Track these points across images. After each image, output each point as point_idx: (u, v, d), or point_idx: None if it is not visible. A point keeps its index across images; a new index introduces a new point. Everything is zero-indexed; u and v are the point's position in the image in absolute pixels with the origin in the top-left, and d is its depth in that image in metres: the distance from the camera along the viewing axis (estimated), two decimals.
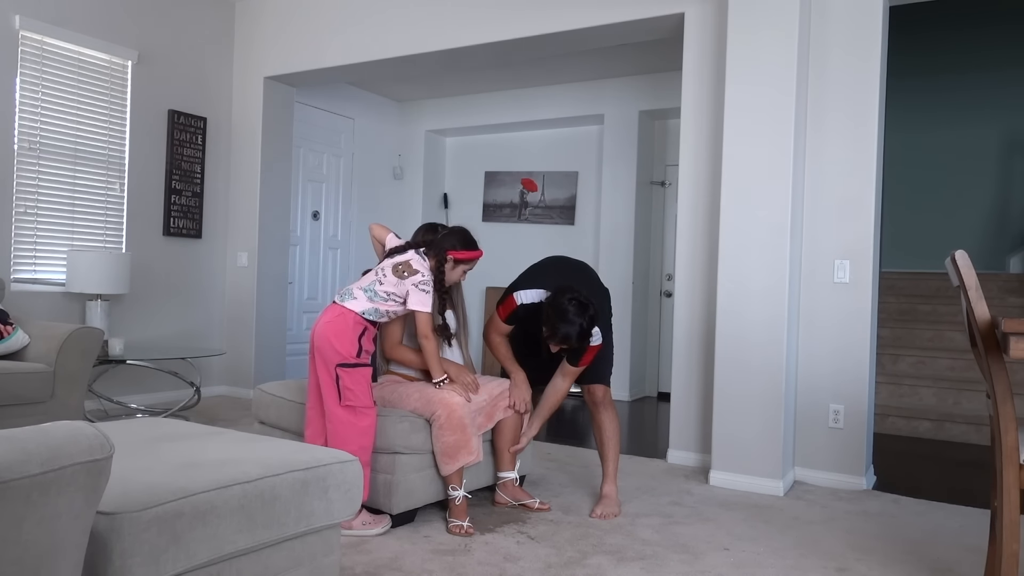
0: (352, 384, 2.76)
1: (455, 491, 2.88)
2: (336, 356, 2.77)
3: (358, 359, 2.80)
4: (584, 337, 2.92)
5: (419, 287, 2.82)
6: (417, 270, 2.84)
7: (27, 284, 4.70)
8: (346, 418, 2.76)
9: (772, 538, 2.90)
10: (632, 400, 6.45)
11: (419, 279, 2.83)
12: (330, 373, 2.79)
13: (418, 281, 2.82)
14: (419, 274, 2.84)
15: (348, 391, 2.76)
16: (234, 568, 1.69)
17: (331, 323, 2.81)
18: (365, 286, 2.85)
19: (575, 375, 3.16)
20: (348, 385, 2.76)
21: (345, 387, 2.76)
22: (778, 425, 3.58)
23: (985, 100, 7.28)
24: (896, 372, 5.69)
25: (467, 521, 2.84)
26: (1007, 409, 1.97)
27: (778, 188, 3.61)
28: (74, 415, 3.83)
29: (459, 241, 2.95)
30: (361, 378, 2.79)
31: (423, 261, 2.88)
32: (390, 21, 5.10)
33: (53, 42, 4.78)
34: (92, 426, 1.25)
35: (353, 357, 2.79)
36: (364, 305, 2.83)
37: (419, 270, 2.84)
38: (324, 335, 2.80)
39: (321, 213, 6.97)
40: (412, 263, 2.86)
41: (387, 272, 2.86)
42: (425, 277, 2.84)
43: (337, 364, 2.77)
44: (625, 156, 6.53)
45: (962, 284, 2.03)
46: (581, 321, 2.87)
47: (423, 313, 2.82)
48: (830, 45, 3.76)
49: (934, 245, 7.18)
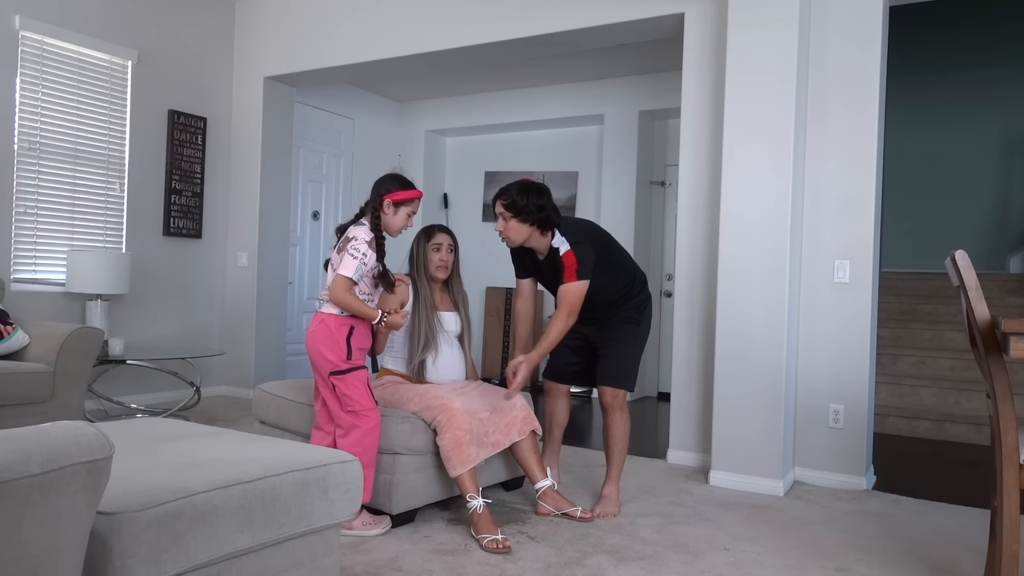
0: (349, 390, 2.73)
1: (472, 500, 2.76)
2: (327, 365, 2.73)
3: (350, 362, 2.74)
4: (523, 192, 2.98)
5: (350, 251, 2.70)
6: (352, 236, 2.74)
7: (27, 284, 4.70)
8: (351, 422, 2.73)
9: (772, 538, 2.90)
10: (632, 400, 6.45)
11: (352, 244, 2.71)
12: (326, 383, 2.76)
13: (350, 246, 2.71)
14: (353, 239, 2.73)
15: (347, 397, 2.73)
16: (234, 568, 1.69)
17: (315, 332, 2.76)
18: (328, 285, 2.78)
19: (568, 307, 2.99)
20: (345, 391, 2.73)
21: (343, 394, 2.73)
22: (778, 425, 3.58)
23: (985, 100, 7.29)
24: (896, 372, 5.69)
25: (499, 533, 2.68)
26: (1007, 409, 1.97)
27: (778, 188, 3.61)
28: (74, 415, 3.83)
29: (394, 183, 2.82)
30: (357, 382, 2.74)
31: (360, 226, 2.78)
32: (390, 21, 5.10)
33: (53, 42, 4.78)
34: (92, 426, 1.25)
35: (344, 362, 2.73)
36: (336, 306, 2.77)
37: (354, 235, 2.74)
38: (311, 345, 2.77)
39: (321, 213, 6.97)
40: (349, 233, 2.77)
41: (334, 257, 2.79)
42: (358, 239, 2.72)
43: (330, 373, 2.73)
44: (625, 156, 6.53)
45: (962, 284, 2.03)
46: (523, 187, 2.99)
47: (341, 276, 2.68)
48: (830, 45, 3.76)
49: (934, 245, 7.18)
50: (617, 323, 3.22)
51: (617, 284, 3.19)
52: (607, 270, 3.14)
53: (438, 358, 3.09)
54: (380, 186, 2.83)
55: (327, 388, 2.77)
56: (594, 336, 3.26)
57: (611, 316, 3.22)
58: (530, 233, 3.04)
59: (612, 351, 3.19)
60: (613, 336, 3.20)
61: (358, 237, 2.73)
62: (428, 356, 3.07)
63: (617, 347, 3.20)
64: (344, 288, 2.69)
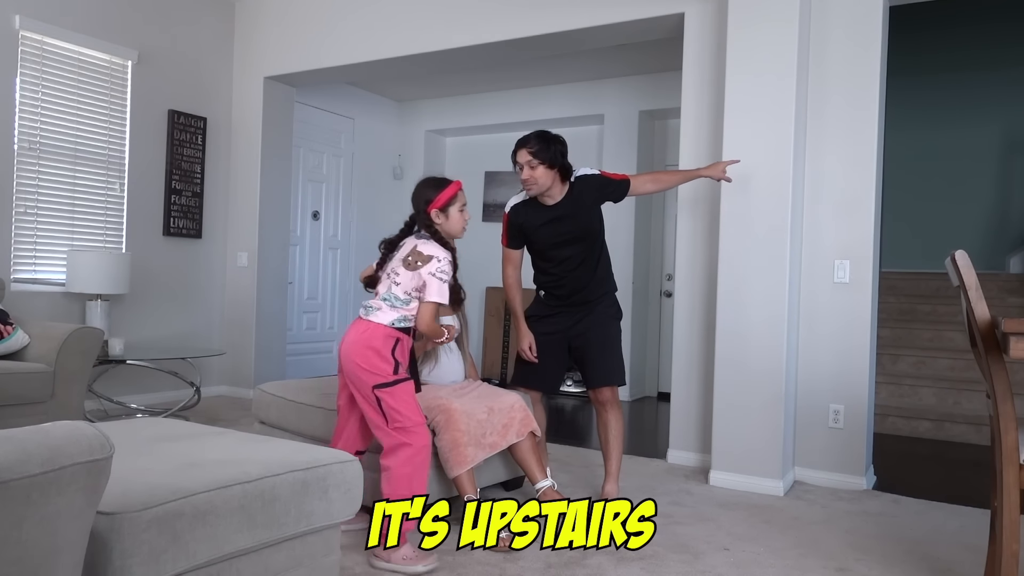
0: (397, 403, 2.48)
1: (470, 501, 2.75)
2: (370, 377, 2.48)
3: (396, 375, 2.51)
4: (545, 139, 3.03)
5: (437, 275, 2.48)
6: (430, 255, 2.49)
7: (27, 284, 4.70)
8: (399, 440, 2.48)
9: (772, 538, 2.90)
10: (632, 400, 6.45)
11: (436, 266, 2.48)
12: (368, 397, 2.50)
13: (435, 269, 2.48)
14: (434, 259, 2.48)
15: (394, 412, 2.48)
16: (234, 568, 1.69)
17: (358, 342, 2.52)
18: (383, 294, 2.56)
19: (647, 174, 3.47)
20: (393, 405, 2.48)
21: (390, 408, 2.48)
22: (778, 425, 3.58)
23: (985, 100, 7.28)
24: (896, 372, 5.69)
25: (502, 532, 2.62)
26: (1007, 409, 1.97)
27: (778, 188, 3.61)
28: (74, 415, 3.82)
29: (430, 190, 2.61)
30: (405, 395, 2.51)
31: (429, 242, 2.54)
32: (390, 21, 5.10)
33: (53, 42, 4.78)
34: (92, 426, 1.25)
35: (390, 375, 2.49)
36: (390, 316, 2.53)
37: (432, 254, 2.49)
38: (351, 356, 2.51)
39: (321, 213, 6.97)
40: (420, 248, 2.53)
41: (398, 270, 2.55)
42: (442, 261, 2.49)
43: (374, 386, 2.49)
44: (625, 156, 6.52)
45: (962, 284, 2.03)
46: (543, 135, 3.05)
47: (432, 304, 2.50)
48: (830, 45, 3.76)
49: (934, 245, 7.17)
50: (602, 318, 3.22)
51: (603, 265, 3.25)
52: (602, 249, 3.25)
53: (436, 367, 3.10)
54: (419, 199, 2.61)
55: (368, 403, 2.51)
56: (573, 329, 3.20)
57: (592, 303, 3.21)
58: (553, 179, 3.07)
59: (604, 350, 3.20)
60: (600, 333, 3.20)
61: (440, 257, 2.50)
62: (427, 367, 3.08)
63: (608, 345, 3.21)
64: (434, 315, 2.53)
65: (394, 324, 2.53)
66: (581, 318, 3.20)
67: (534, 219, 3.15)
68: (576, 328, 3.21)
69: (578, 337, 3.21)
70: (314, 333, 6.98)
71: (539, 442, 3.14)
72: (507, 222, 3.22)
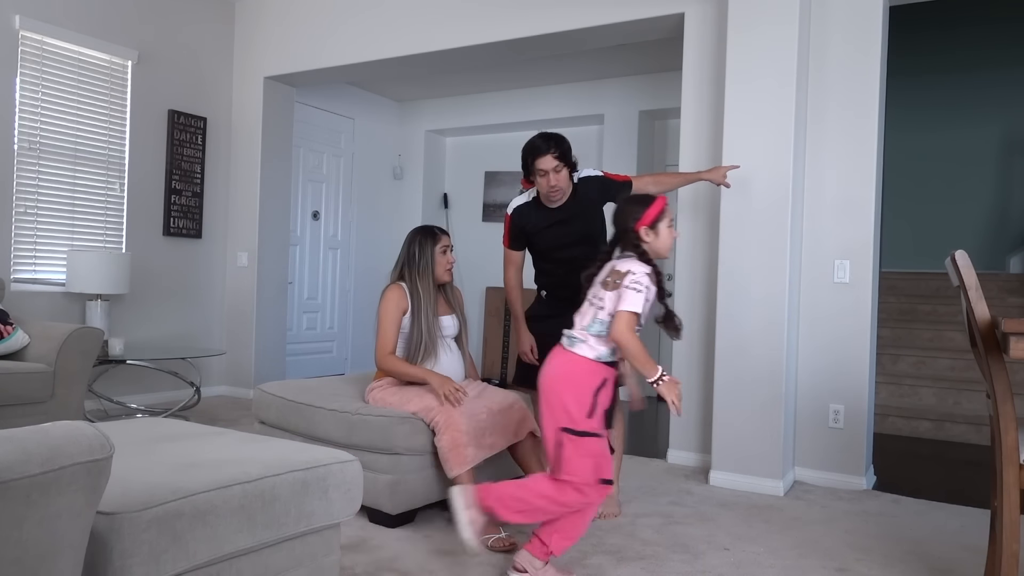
0: (574, 457, 2.25)
1: None
2: (563, 416, 2.27)
3: (588, 420, 2.27)
4: (557, 139, 2.99)
5: (631, 286, 2.29)
6: (627, 270, 2.32)
7: (27, 284, 4.70)
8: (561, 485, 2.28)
9: (772, 538, 2.90)
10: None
11: (632, 278, 2.30)
12: (553, 434, 2.30)
13: (631, 281, 2.29)
14: (630, 273, 2.31)
15: (567, 463, 2.25)
16: (234, 568, 1.69)
17: (560, 372, 2.33)
18: (587, 324, 2.35)
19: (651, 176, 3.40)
20: (569, 457, 2.25)
21: (565, 458, 2.26)
22: (778, 425, 3.58)
23: (985, 100, 7.28)
24: (896, 372, 5.69)
25: (502, 532, 2.64)
26: (1007, 409, 1.97)
27: (778, 188, 3.61)
28: (74, 415, 3.83)
29: (637, 207, 2.42)
30: (588, 453, 2.26)
31: (627, 260, 2.37)
32: (390, 21, 5.10)
33: (53, 42, 4.78)
34: (92, 426, 1.25)
35: (583, 419, 2.26)
36: (599, 349, 2.32)
37: (629, 269, 2.33)
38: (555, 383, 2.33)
39: (321, 213, 6.97)
40: (617, 267, 2.36)
41: (600, 294, 2.35)
42: (637, 274, 2.31)
43: (562, 427, 2.27)
44: (625, 156, 6.52)
45: (962, 284, 2.03)
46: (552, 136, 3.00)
47: (626, 312, 2.27)
48: (830, 45, 3.76)
49: (934, 245, 7.17)
50: None
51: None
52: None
53: (436, 366, 3.08)
54: (627, 218, 2.41)
55: (551, 441, 2.32)
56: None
57: None
58: (568, 180, 3.07)
59: None
60: None
61: (635, 271, 2.31)
62: (426, 365, 3.06)
63: None
64: (630, 325, 2.26)
65: (600, 358, 2.32)
66: None
67: (538, 221, 3.13)
68: None
69: None
70: (314, 333, 6.98)
71: (539, 442, 3.14)
72: (509, 224, 3.20)
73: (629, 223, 2.41)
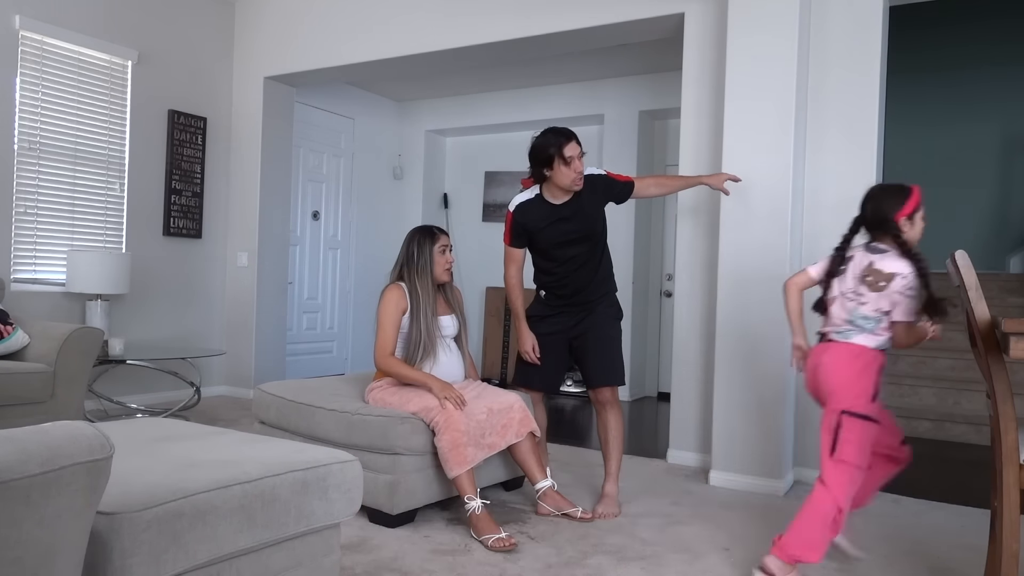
0: (853, 438, 2.32)
1: (470, 502, 2.75)
2: (847, 398, 2.34)
3: (871, 406, 2.35)
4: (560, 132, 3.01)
5: (907, 294, 2.32)
6: (894, 272, 2.32)
7: (27, 284, 4.70)
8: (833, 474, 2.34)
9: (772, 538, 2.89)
10: (632, 400, 6.45)
11: (903, 283, 2.32)
12: (832, 418, 2.36)
13: (905, 287, 2.31)
14: (898, 276, 2.32)
15: (846, 444, 2.32)
16: (234, 568, 1.69)
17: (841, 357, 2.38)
18: (850, 316, 2.40)
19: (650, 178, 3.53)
20: (848, 438, 2.32)
21: (844, 440, 2.33)
22: (778, 425, 3.58)
23: (985, 99, 7.28)
24: (896, 372, 5.69)
25: (503, 532, 2.67)
26: (1007, 409, 1.97)
27: (778, 188, 3.61)
28: (74, 415, 3.83)
29: (897, 195, 2.39)
30: (866, 435, 2.34)
31: (885, 256, 2.36)
32: (390, 21, 5.10)
33: (53, 42, 4.78)
34: (92, 426, 1.25)
35: (867, 404, 2.34)
36: (874, 339, 2.38)
37: (895, 271, 2.32)
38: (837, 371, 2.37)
39: (321, 213, 6.97)
40: (876, 265, 2.36)
41: (862, 291, 2.38)
42: (907, 277, 2.31)
43: (843, 410, 2.34)
44: (625, 156, 6.52)
45: (962, 284, 2.03)
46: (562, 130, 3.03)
47: (902, 324, 2.35)
48: (830, 45, 3.76)
49: (934, 245, 7.13)
50: (602, 318, 3.21)
51: (604, 265, 3.26)
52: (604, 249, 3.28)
53: (435, 366, 3.08)
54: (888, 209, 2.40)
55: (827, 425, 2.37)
56: (574, 329, 3.20)
57: (594, 303, 3.21)
58: None
59: (604, 350, 3.19)
60: (601, 333, 3.20)
61: (905, 274, 2.33)
62: (425, 365, 3.06)
63: (609, 345, 3.20)
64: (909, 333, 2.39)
65: (880, 347, 2.39)
66: (582, 318, 3.20)
67: (540, 218, 3.13)
68: (577, 328, 3.20)
69: (579, 337, 3.20)
70: (314, 333, 6.98)
71: (539, 442, 3.14)
72: (511, 221, 3.18)
73: (889, 213, 2.38)
